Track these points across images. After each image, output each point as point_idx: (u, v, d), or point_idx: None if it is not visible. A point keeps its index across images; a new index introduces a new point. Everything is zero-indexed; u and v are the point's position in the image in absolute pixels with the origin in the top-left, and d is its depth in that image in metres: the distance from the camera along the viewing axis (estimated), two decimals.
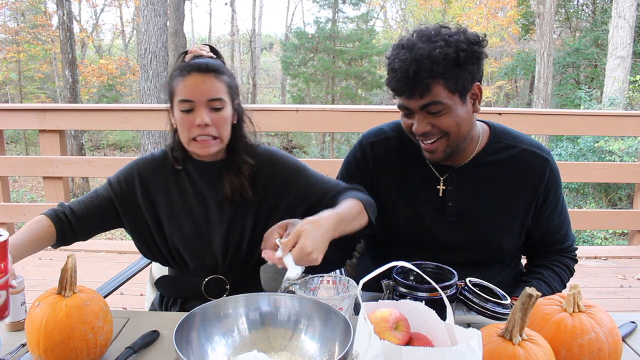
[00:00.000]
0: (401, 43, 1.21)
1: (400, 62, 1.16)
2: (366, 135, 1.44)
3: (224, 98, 1.25)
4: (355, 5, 15.86)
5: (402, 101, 1.22)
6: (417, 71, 1.14)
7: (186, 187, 1.35)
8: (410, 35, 1.23)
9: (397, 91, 1.20)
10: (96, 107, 5.56)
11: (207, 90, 1.23)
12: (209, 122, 1.23)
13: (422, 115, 1.21)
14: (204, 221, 1.34)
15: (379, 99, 18.53)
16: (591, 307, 0.94)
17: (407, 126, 1.27)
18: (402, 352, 0.74)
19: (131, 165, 1.37)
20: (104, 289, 1.45)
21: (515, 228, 1.36)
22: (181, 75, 1.24)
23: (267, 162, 1.37)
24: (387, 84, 1.22)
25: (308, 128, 6.29)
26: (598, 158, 7.25)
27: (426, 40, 1.17)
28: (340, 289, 1.13)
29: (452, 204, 1.34)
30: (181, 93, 1.23)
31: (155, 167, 1.36)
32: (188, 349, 0.91)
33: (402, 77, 1.16)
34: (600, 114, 3.61)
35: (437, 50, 1.14)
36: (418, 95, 1.17)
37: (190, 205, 1.34)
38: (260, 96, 19.62)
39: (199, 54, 1.29)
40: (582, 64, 13.04)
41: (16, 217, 3.73)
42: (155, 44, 7.34)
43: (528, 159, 1.34)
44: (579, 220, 3.70)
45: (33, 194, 11.89)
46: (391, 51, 1.23)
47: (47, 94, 16.25)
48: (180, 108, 1.24)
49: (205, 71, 1.23)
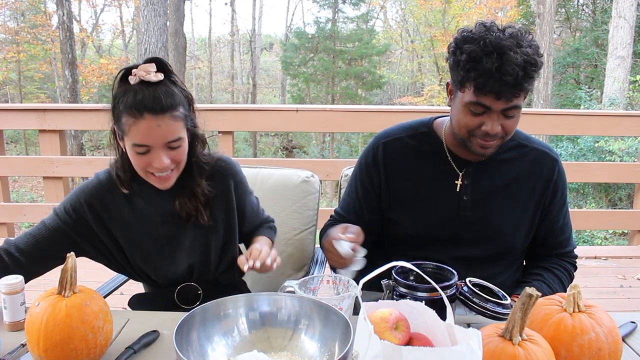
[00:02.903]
0: (484, 38, 1.16)
1: (512, 64, 1.13)
2: (378, 137, 1.45)
3: (181, 136, 1.18)
4: (355, 5, 15.86)
5: (486, 100, 1.19)
6: (524, 76, 1.15)
7: (140, 209, 1.30)
8: (485, 30, 1.19)
9: (492, 91, 1.16)
10: (96, 107, 5.54)
11: (163, 134, 1.14)
12: (168, 164, 1.17)
13: (498, 116, 1.21)
14: (164, 239, 1.31)
15: (379, 99, 18.54)
16: (591, 307, 0.94)
17: (471, 123, 1.24)
18: (402, 352, 0.74)
19: (77, 193, 1.29)
20: (104, 289, 1.45)
21: (525, 225, 1.39)
22: (132, 116, 1.12)
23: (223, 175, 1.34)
24: (478, 81, 1.16)
25: (308, 128, 6.29)
26: (598, 158, 7.25)
27: (519, 43, 1.16)
28: (340, 289, 1.13)
29: (467, 197, 1.36)
30: (134, 137, 1.13)
31: (103, 192, 1.29)
32: (188, 349, 0.91)
33: (511, 80, 1.14)
34: (600, 114, 3.61)
35: (535, 57, 1.16)
36: (509, 98, 1.17)
37: (148, 225, 1.30)
38: (260, 96, 19.63)
39: (145, 78, 1.13)
40: (582, 64, 13.03)
41: (16, 217, 3.73)
42: (155, 44, 7.34)
43: (539, 158, 1.39)
44: (579, 220, 3.70)
45: (33, 194, 11.88)
46: (469, 45, 1.18)
47: (47, 94, 16.25)
48: (135, 150, 1.15)
49: (159, 112, 1.12)
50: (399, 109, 4.07)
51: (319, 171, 2.15)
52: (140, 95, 1.11)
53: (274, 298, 1.04)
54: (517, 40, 1.17)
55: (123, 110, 1.13)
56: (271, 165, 1.78)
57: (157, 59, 1.17)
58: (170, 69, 1.20)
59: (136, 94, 1.12)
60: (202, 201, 1.29)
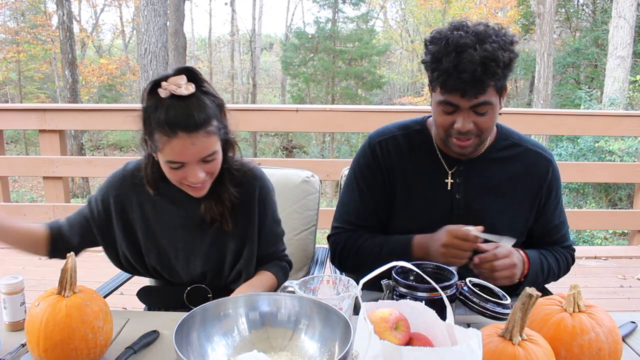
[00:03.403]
0: (447, 38, 1.18)
1: (468, 62, 1.14)
2: (372, 136, 1.45)
3: (216, 149, 1.17)
4: (355, 5, 15.86)
5: (452, 99, 1.20)
6: (484, 72, 1.15)
7: (164, 209, 1.30)
8: (451, 29, 1.20)
9: (454, 89, 1.18)
10: (96, 107, 5.56)
11: (198, 151, 1.13)
12: (203, 178, 1.17)
13: (468, 113, 1.22)
14: (182, 242, 1.31)
15: (379, 99, 18.54)
16: (591, 307, 0.94)
17: (445, 122, 1.26)
18: (402, 352, 0.74)
19: (107, 185, 1.31)
20: (104, 289, 1.45)
21: (519, 225, 1.39)
22: (165, 134, 1.10)
23: (250, 184, 1.33)
24: (439, 81, 1.19)
25: (308, 128, 6.30)
26: (598, 158, 7.25)
27: (481, 39, 1.17)
28: (340, 289, 1.13)
29: (460, 196, 1.36)
30: (168, 155, 1.13)
31: (131, 184, 1.29)
32: (188, 349, 0.91)
33: (469, 77, 1.15)
34: (600, 114, 3.61)
35: (499, 52, 1.16)
36: (474, 95, 1.18)
37: (168, 226, 1.30)
38: (260, 96, 19.63)
39: (176, 92, 1.10)
40: (582, 64, 13.03)
41: (16, 217, 3.73)
42: (155, 44, 7.34)
43: (533, 158, 1.39)
44: (579, 220, 3.70)
45: (33, 194, 11.88)
46: (433, 46, 1.20)
47: (47, 94, 16.25)
48: (170, 166, 1.15)
49: (193, 130, 1.10)
50: (399, 109, 4.08)
51: (319, 171, 2.15)
52: (172, 113, 1.09)
53: (274, 298, 1.04)
54: (480, 37, 1.17)
55: (156, 127, 1.11)
56: (271, 165, 1.78)
57: (187, 69, 1.14)
58: (201, 78, 1.17)
59: (168, 110, 1.10)
60: (228, 207, 1.29)
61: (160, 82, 1.12)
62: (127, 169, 1.32)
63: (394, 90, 20.07)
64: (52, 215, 3.60)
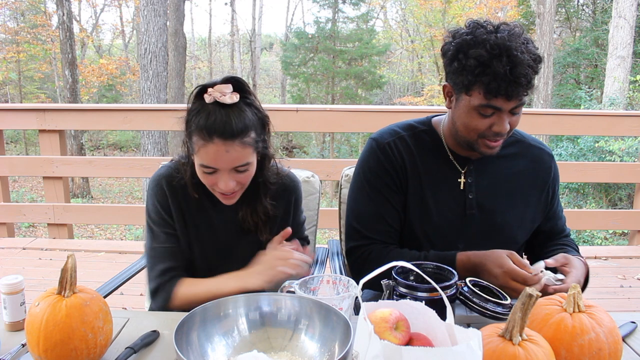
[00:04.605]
0: (486, 41, 1.16)
1: (524, 66, 1.14)
2: (378, 137, 1.41)
3: (250, 161, 1.19)
4: (355, 5, 15.87)
5: (497, 102, 1.18)
6: (534, 74, 1.16)
7: (207, 210, 1.32)
8: (476, 28, 1.20)
9: (503, 93, 1.16)
10: (96, 107, 5.57)
11: (231, 160, 1.15)
12: (233, 187, 1.19)
13: (507, 115, 1.22)
14: (223, 244, 1.34)
15: (379, 99, 18.53)
16: (591, 307, 0.94)
17: (481, 126, 1.23)
18: (402, 352, 0.74)
19: (156, 184, 1.30)
20: (104, 289, 1.45)
21: (527, 220, 1.41)
22: (202, 138, 1.13)
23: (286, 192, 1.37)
24: (490, 86, 1.15)
25: (308, 128, 6.30)
26: (598, 158, 7.25)
27: (522, 42, 1.17)
28: (340, 289, 1.13)
29: (472, 196, 1.36)
30: (203, 158, 1.16)
31: (169, 187, 1.30)
32: (188, 349, 0.91)
33: (525, 81, 1.15)
34: (600, 114, 3.61)
35: (538, 53, 1.18)
36: (519, 97, 1.18)
37: (211, 227, 1.33)
38: (260, 96, 19.37)
39: (220, 99, 1.14)
40: (582, 64, 13.03)
41: (16, 217, 3.73)
42: (155, 44, 7.34)
43: (536, 154, 1.42)
44: (579, 220, 3.70)
45: (33, 194, 11.89)
46: (474, 50, 1.17)
47: (47, 94, 16.27)
48: (203, 170, 1.18)
49: (229, 138, 1.12)
50: (399, 109, 4.08)
51: (319, 171, 2.16)
52: (212, 118, 1.12)
53: (274, 298, 1.04)
54: (519, 39, 1.17)
55: (195, 130, 1.15)
56: None
57: (234, 78, 1.18)
58: (248, 89, 1.20)
59: (209, 115, 1.13)
60: (263, 219, 1.31)
61: (207, 88, 1.16)
62: (162, 174, 1.31)
63: (394, 90, 20.07)
64: (52, 215, 3.60)
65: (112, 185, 13.40)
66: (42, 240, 3.68)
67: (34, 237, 4.48)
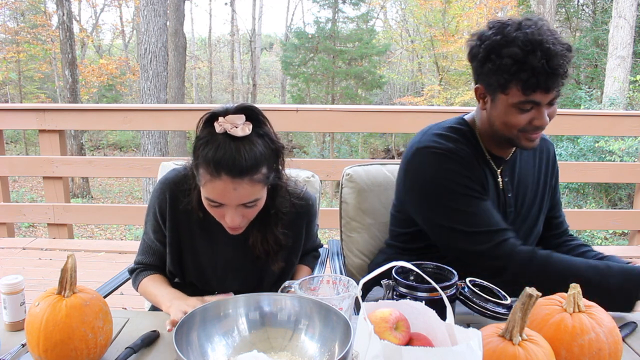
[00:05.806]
0: (516, 38, 1.16)
1: (558, 57, 1.14)
2: (439, 140, 1.32)
3: (258, 197, 1.13)
4: (355, 5, 15.87)
5: (536, 97, 1.18)
6: (568, 65, 1.17)
7: (209, 226, 1.26)
8: (503, 28, 1.20)
9: (541, 87, 1.16)
10: (96, 107, 5.56)
11: (239, 197, 1.09)
12: (239, 222, 1.15)
13: (546, 107, 1.22)
14: (223, 261, 1.32)
15: (379, 99, 18.53)
16: (591, 307, 0.94)
17: (521, 121, 1.23)
18: (402, 352, 0.74)
19: (161, 189, 1.28)
20: (104, 289, 1.45)
21: (543, 210, 1.45)
22: (209, 172, 1.07)
23: (299, 217, 1.32)
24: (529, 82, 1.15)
25: (308, 128, 6.29)
26: (598, 158, 7.25)
27: (551, 33, 1.17)
28: (340, 289, 1.13)
29: (510, 194, 1.38)
30: (209, 193, 1.10)
31: (174, 197, 1.27)
32: (188, 349, 0.91)
33: (562, 72, 1.16)
34: (600, 114, 3.61)
35: (568, 44, 1.18)
36: (557, 89, 1.19)
37: (212, 242, 1.30)
38: (260, 96, 19.62)
39: (231, 132, 1.06)
40: (582, 64, 13.02)
41: (16, 217, 3.73)
42: (155, 44, 7.34)
43: (542, 145, 1.46)
44: (579, 220, 3.70)
45: (33, 194, 11.89)
46: (507, 49, 1.16)
47: (47, 94, 16.27)
48: (209, 202, 1.13)
49: (237, 176, 1.05)
50: (398, 109, 4.07)
51: (319, 171, 2.15)
52: (221, 152, 1.05)
53: (274, 298, 1.04)
54: (548, 32, 1.18)
55: (202, 162, 1.08)
56: None
57: (248, 108, 1.10)
58: (261, 119, 1.13)
59: (218, 148, 1.05)
60: (275, 248, 1.27)
61: (218, 116, 1.08)
62: (170, 181, 1.28)
63: (394, 90, 20.06)
64: (52, 215, 3.60)
65: (112, 185, 13.41)
66: (42, 240, 3.68)
67: (34, 237, 4.48)
